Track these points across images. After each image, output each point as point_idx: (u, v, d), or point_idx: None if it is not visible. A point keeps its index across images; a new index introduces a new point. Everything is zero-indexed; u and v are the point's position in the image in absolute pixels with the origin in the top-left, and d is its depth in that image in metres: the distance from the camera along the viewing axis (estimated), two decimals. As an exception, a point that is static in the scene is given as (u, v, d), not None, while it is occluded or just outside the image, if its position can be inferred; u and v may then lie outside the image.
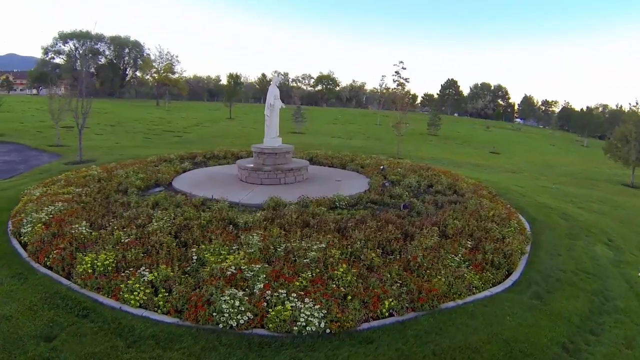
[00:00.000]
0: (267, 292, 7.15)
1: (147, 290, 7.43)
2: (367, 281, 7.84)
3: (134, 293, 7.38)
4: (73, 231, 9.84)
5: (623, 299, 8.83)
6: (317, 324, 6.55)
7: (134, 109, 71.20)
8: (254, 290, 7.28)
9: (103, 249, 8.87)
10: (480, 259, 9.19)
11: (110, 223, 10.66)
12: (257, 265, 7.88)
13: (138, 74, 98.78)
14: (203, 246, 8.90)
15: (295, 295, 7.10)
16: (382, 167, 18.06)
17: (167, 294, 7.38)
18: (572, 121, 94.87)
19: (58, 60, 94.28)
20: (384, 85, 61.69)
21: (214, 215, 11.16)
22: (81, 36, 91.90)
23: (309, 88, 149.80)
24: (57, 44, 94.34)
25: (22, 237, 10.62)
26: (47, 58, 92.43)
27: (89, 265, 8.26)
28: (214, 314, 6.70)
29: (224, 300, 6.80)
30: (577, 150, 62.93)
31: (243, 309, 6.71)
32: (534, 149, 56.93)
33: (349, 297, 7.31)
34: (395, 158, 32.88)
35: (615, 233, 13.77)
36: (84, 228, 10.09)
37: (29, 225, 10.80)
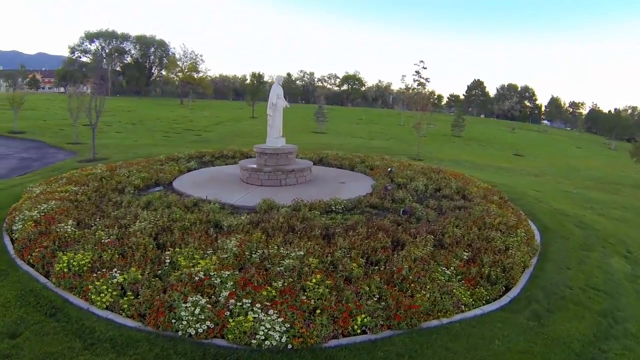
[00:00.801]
0: (231, 300, 6.79)
1: (115, 293, 7.28)
2: (342, 294, 7.24)
3: (101, 295, 7.24)
4: (58, 230, 9.83)
5: (636, 322, 7.87)
6: (277, 338, 6.10)
7: (158, 107, 72.40)
8: (219, 298, 6.94)
9: (82, 249, 8.79)
10: (475, 272, 8.39)
11: (96, 222, 10.60)
12: (227, 272, 7.56)
13: (163, 72, 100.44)
14: (178, 249, 8.66)
15: (259, 305, 6.70)
16: (389, 169, 17.33)
17: (133, 297, 7.19)
18: (599, 123, 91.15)
19: (84, 59, 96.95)
20: (405, 85, 60.49)
21: (199, 217, 10.90)
22: (107, 35, 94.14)
23: (335, 88, 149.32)
24: (83, 43, 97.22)
25: (13, 234, 10.61)
26: (73, 57, 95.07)
27: (65, 264, 8.19)
28: (173, 320, 6.47)
29: (184, 307, 6.55)
30: (604, 154, 60.15)
31: (203, 317, 6.40)
32: (559, 151, 54.76)
33: (318, 311, 6.75)
34: (415, 159, 32.10)
35: (636, 244, 12.59)
36: (69, 227, 10.05)
37: (20, 223, 10.84)
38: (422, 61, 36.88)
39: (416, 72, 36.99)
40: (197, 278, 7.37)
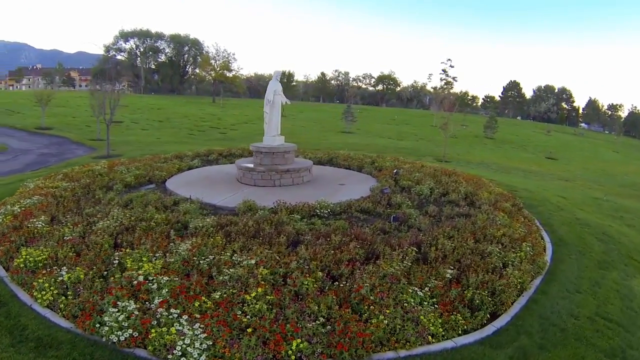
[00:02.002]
0: (159, 309, 6.25)
1: (56, 291, 7.07)
2: (283, 312, 6.25)
3: (42, 292, 7.08)
4: (29, 225, 9.76)
5: (653, 366, 6.37)
6: (195, 356, 5.42)
7: (189, 105, 73.49)
8: (152, 305, 6.44)
9: (44, 245, 8.61)
10: (455, 295, 7.10)
11: (67, 219, 10.37)
12: (165, 278, 7.01)
13: (197, 71, 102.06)
14: (129, 250, 8.30)
15: (187, 317, 6.07)
16: (395, 170, 16.05)
17: (72, 297, 6.95)
18: (638, 127, 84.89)
19: (120, 57, 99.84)
20: (430, 84, 58.66)
21: (168, 218, 10.32)
22: (141, 34, 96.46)
23: (370, 88, 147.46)
24: (118, 42, 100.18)
25: (-7, 228, 10.61)
26: (108, 55, 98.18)
27: (22, 260, 8.08)
28: (98, 325, 6.15)
29: (110, 312, 6.20)
30: (642, 158, 55.58)
31: (126, 324, 5.98)
32: (595, 155, 51.24)
33: (249, 330, 5.81)
34: (441, 161, 30.48)
35: (669, 263, 10.76)
36: (40, 223, 9.92)
37: (0, 217, 10.84)
38: (449, 59, 34.69)
39: (443, 70, 34.97)
40: (135, 282, 6.93)
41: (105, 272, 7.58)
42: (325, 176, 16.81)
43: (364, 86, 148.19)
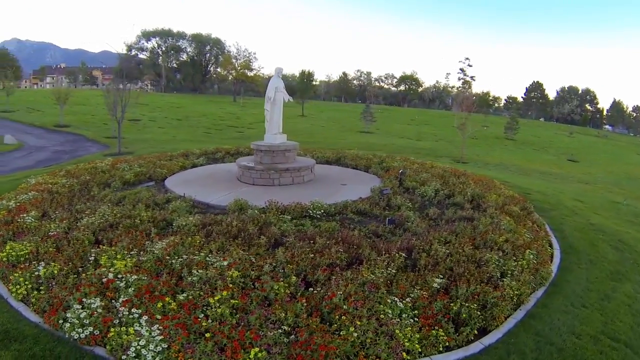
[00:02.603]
0: (122, 308, 6.11)
1: (30, 286, 7.05)
2: (245, 319, 5.81)
3: (17, 286, 7.08)
4: (19, 220, 9.80)
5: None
6: (149, 358, 5.20)
7: (209, 104, 74.13)
8: (116, 304, 6.31)
9: (29, 240, 8.60)
10: (439, 307, 6.48)
11: (56, 215, 10.34)
12: (134, 276, 6.82)
13: (219, 70, 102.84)
14: (105, 247, 8.17)
15: (147, 318, 5.84)
16: (401, 171, 15.39)
17: (44, 292, 6.86)
18: None
19: (142, 56, 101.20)
20: (447, 83, 57.42)
21: (154, 216, 10.12)
22: (163, 34, 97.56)
23: (392, 88, 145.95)
24: (140, 41, 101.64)
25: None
26: (130, 54, 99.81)
27: (5, 254, 8.07)
28: (61, 321, 6.08)
29: (74, 309, 6.12)
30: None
31: (88, 322, 5.89)
32: (618, 158, 49.04)
33: (208, 335, 5.43)
34: (458, 162, 29.52)
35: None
36: (30, 218, 9.96)
37: None
38: (467, 58, 33.61)
39: (461, 69, 33.92)
40: (104, 279, 6.83)
41: (81, 269, 7.49)
42: (329, 176, 16.31)
43: (386, 86, 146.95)
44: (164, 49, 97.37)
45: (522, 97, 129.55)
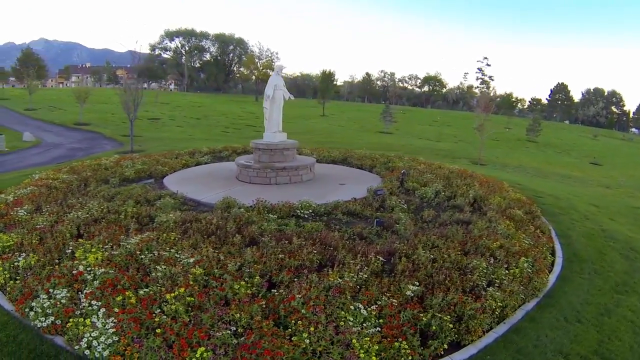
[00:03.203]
0: (84, 300, 6.21)
1: (8, 275, 7.26)
2: (199, 317, 5.64)
3: None
4: (12, 213, 10.05)
5: None
6: (100, 350, 5.28)
7: (230, 103, 74.75)
8: (81, 296, 6.44)
9: (17, 232, 8.79)
10: (407, 318, 5.97)
11: (48, 208, 10.46)
12: (101, 269, 6.88)
13: (242, 69, 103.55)
14: (83, 240, 8.29)
15: (105, 310, 5.88)
16: (403, 171, 14.82)
17: (19, 282, 7.03)
18: None
19: (165, 56, 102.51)
20: (464, 83, 56.01)
21: (139, 212, 10.12)
22: (186, 34, 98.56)
23: (416, 89, 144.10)
24: (163, 41, 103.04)
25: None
26: (154, 53, 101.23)
27: None
28: (27, 309, 6.29)
29: (38, 299, 6.31)
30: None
31: (50, 311, 6.06)
32: None
33: (159, 330, 5.37)
34: (476, 164, 28.58)
35: None
36: (23, 211, 10.17)
37: None
38: (485, 58, 32.54)
39: (479, 69, 32.89)
40: (75, 271, 6.95)
41: (58, 260, 7.60)
42: (331, 175, 15.93)
43: (409, 87, 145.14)
44: (187, 48, 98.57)
45: (546, 99, 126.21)
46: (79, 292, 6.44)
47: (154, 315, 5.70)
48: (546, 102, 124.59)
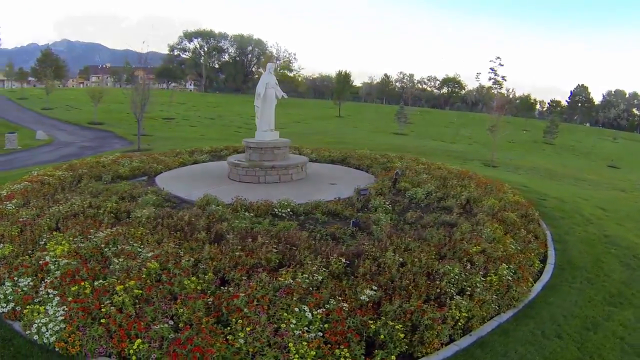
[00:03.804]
0: (42, 288, 6.46)
1: None
2: (144, 310, 5.70)
3: None
4: (1, 206, 10.29)
5: None
6: (47, 335, 5.58)
7: (246, 104, 74.93)
8: (42, 284, 6.69)
9: (1, 224, 9.00)
10: (354, 324, 5.56)
11: (35, 203, 10.66)
12: (65, 260, 7.09)
13: (261, 70, 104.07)
14: (56, 233, 8.46)
15: (59, 299, 6.08)
16: (397, 171, 14.34)
17: None
18: None
19: (184, 56, 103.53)
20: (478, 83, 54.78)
21: (118, 207, 10.20)
22: (205, 35, 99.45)
23: (435, 90, 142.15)
24: (182, 42, 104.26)
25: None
26: (173, 54, 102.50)
27: None
28: None
29: (3, 286, 6.59)
30: None
31: (11, 298, 6.38)
32: None
33: (103, 320, 5.54)
34: (488, 166, 27.74)
35: None
36: (11, 205, 10.43)
37: None
38: (498, 57, 31.54)
39: (491, 69, 31.88)
40: (41, 262, 7.22)
41: (31, 251, 7.81)
42: (324, 175, 15.62)
43: (428, 89, 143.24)
44: (205, 49, 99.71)
45: (566, 101, 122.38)
46: (42, 281, 6.68)
47: (101, 305, 5.83)
48: (566, 104, 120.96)
